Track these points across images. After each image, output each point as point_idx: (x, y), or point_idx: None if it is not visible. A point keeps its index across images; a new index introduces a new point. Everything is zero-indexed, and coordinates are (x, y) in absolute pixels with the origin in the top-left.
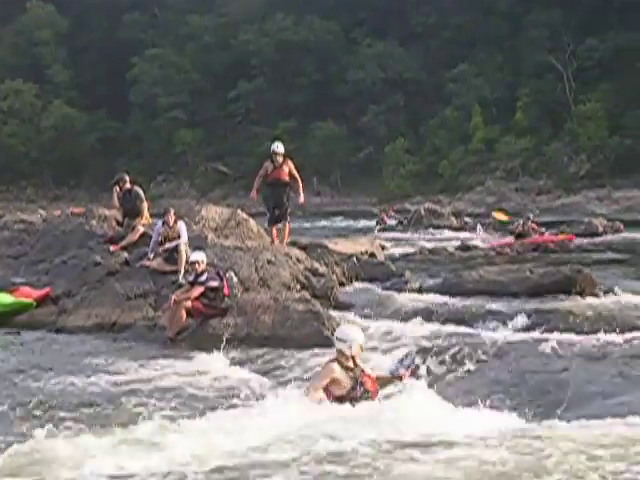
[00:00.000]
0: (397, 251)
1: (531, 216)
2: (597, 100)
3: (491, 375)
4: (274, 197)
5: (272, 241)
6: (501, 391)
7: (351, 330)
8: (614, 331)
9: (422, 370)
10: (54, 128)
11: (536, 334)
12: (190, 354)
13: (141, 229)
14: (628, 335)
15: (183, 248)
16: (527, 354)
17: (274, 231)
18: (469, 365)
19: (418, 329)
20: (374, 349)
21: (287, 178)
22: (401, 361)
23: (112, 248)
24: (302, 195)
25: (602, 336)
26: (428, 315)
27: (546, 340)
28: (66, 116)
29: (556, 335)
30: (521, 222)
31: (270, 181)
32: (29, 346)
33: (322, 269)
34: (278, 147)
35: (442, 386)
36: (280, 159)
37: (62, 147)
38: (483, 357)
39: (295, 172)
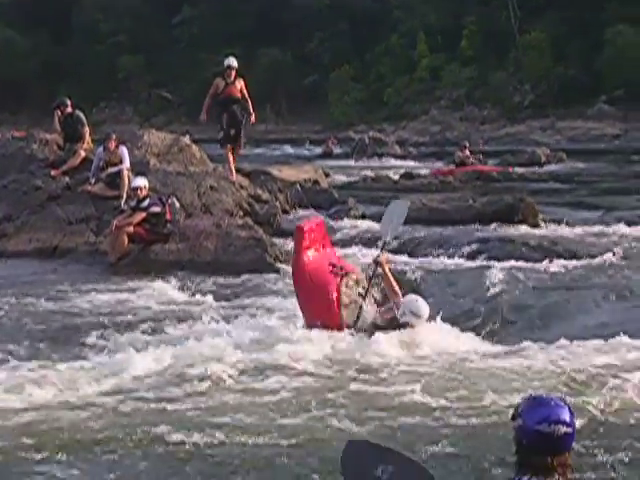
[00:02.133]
0: (341, 179)
1: (467, 144)
2: (542, 30)
3: (441, 301)
4: (228, 115)
5: (227, 163)
6: (454, 316)
7: (425, 307)
8: (557, 258)
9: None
10: None
11: (481, 262)
12: (132, 279)
13: (82, 154)
14: (570, 262)
15: (125, 173)
16: (474, 281)
17: (229, 154)
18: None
19: (361, 256)
20: None
21: (240, 95)
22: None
23: (53, 172)
24: (252, 115)
25: (546, 263)
26: (371, 243)
27: (492, 267)
28: (7, 39)
29: (502, 263)
30: (459, 151)
31: (222, 99)
32: None
33: (265, 196)
34: (233, 62)
35: None
36: (233, 75)
37: (3, 71)
38: (430, 283)
39: (246, 91)
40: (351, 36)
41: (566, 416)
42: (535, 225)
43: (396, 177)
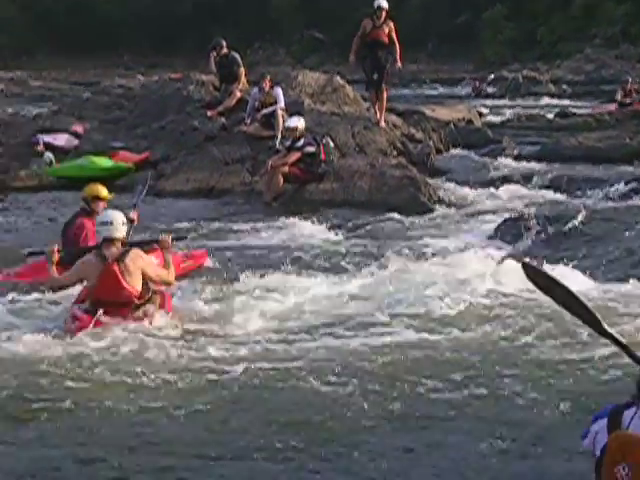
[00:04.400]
0: (494, 118)
1: (629, 79)
2: None
3: (586, 240)
4: (372, 59)
5: (373, 106)
6: (595, 255)
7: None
8: None
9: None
10: None
11: (634, 201)
12: (287, 219)
13: (238, 94)
14: None
15: (280, 114)
16: (625, 221)
17: (374, 98)
18: (564, 229)
19: (515, 195)
20: (472, 215)
21: (387, 40)
22: None
23: (209, 113)
24: (399, 61)
25: None
26: (525, 181)
27: None
28: None
29: None
30: (620, 89)
31: (368, 42)
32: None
33: (419, 135)
34: (383, 2)
35: (536, 248)
36: (382, 17)
37: (157, 14)
38: (579, 222)
39: (394, 35)
40: None
41: None
42: None
43: (550, 116)
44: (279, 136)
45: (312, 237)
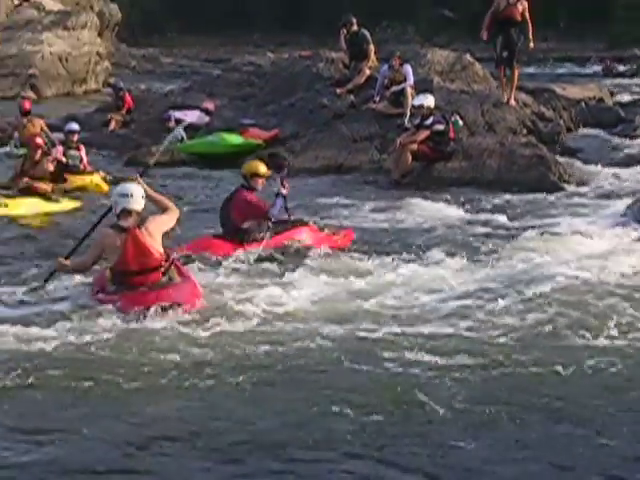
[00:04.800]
0: (626, 97)
1: None
2: None
3: None
4: (503, 37)
5: (501, 84)
6: None
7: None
8: None
9: None
10: None
11: None
12: (415, 197)
13: (367, 72)
14: None
15: (409, 91)
16: None
17: (502, 76)
18: None
19: None
20: (602, 194)
21: (519, 18)
22: None
23: (338, 91)
24: (532, 40)
25: None
26: None
27: None
28: None
29: None
30: None
31: (501, 19)
32: None
33: (549, 114)
34: None
35: None
36: None
37: None
38: None
39: (527, 14)
40: None
41: None
42: None
43: None
44: (408, 114)
45: (441, 216)
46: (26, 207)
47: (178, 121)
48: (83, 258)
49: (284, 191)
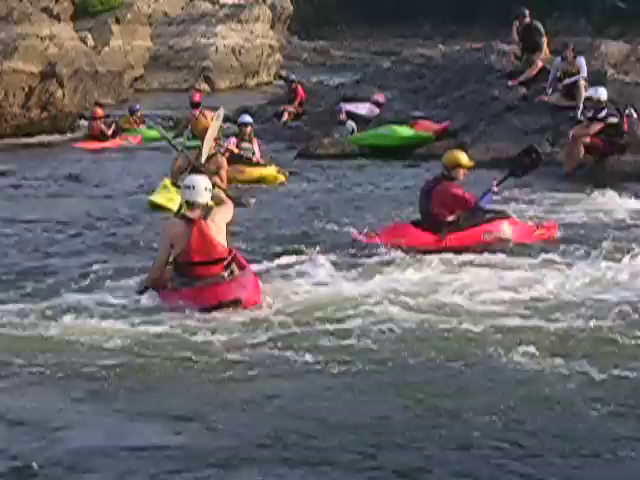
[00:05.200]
0: None
1: None
2: None
3: None
4: None
5: None
6: None
7: None
8: None
9: None
10: None
11: None
12: (587, 191)
13: (540, 64)
14: None
15: (582, 84)
16: None
17: None
18: None
19: None
20: None
21: None
22: None
23: (510, 83)
24: None
25: None
26: None
27: None
28: None
29: None
30: None
31: None
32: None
33: None
34: None
35: None
36: None
37: None
38: None
39: None
40: None
41: None
42: None
43: None
44: (581, 106)
45: (615, 210)
46: None
47: (349, 113)
48: (158, 255)
49: (495, 188)
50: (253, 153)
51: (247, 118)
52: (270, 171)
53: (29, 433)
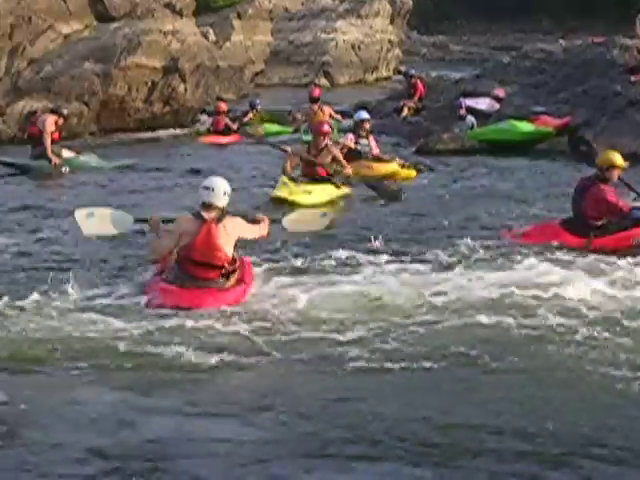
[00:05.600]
0: None
1: None
2: None
3: None
4: None
5: None
6: None
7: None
8: None
9: None
10: None
11: None
12: None
13: None
14: None
15: None
16: None
17: None
18: None
19: None
20: None
21: None
22: None
23: (633, 78)
24: None
25: None
26: None
27: None
28: None
29: None
30: None
31: None
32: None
33: None
34: None
35: None
36: None
37: None
38: None
39: None
40: None
41: None
42: None
43: None
44: None
45: None
46: (317, 194)
47: (469, 108)
48: (162, 240)
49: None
50: (370, 149)
51: (364, 114)
52: (395, 167)
53: (105, 426)
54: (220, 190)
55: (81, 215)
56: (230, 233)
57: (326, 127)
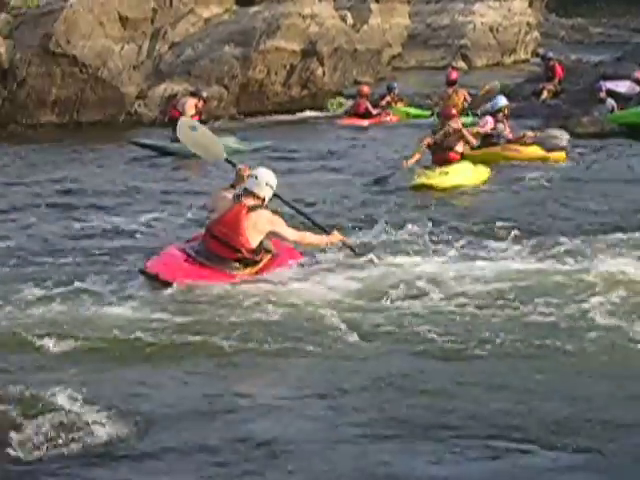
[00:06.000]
0: None
1: None
2: None
3: None
4: None
5: None
6: None
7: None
8: None
9: None
10: None
11: None
12: None
13: None
14: None
15: None
16: None
17: None
18: None
19: None
20: None
21: None
22: None
23: None
24: None
25: None
26: None
27: None
28: None
29: None
30: None
31: None
32: None
33: None
34: None
35: None
36: None
37: None
38: None
39: None
40: None
41: None
42: None
43: None
44: None
45: None
46: (454, 174)
47: (609, 92)
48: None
49: None
50: (505, 134)
51: (504, 100)
52: (542, 151)
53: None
54: (263, 180)
55: (186, 123)
56: (258, 223)
57: (453, 111)
